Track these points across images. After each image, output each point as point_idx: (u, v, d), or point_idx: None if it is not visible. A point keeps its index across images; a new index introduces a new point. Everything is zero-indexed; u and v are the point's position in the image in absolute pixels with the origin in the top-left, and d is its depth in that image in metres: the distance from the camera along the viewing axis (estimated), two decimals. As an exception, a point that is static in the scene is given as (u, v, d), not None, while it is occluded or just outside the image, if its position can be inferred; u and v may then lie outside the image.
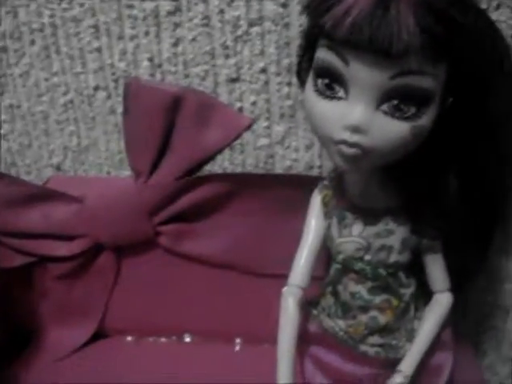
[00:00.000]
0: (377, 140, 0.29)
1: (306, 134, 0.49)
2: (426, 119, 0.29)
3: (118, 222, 0.45)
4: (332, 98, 0.30)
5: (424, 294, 0.38)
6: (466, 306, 0.49)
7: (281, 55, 0.47)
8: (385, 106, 0.29)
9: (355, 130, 0.29)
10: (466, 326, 0.51)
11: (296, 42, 0.43)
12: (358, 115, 0.29)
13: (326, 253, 0.38)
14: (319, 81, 0.30)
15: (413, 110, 0.29)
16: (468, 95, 0.31)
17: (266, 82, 0.48)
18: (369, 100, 0.29)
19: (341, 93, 0.29)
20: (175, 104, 0.41)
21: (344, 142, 0.29)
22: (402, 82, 0.28)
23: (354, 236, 0.36)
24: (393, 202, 0.35)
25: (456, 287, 0.38)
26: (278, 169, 0.51)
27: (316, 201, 0.37)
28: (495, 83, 0.31)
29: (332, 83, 0.30)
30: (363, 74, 0.28)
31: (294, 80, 0.46)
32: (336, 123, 0.29)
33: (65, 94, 0.51)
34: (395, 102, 0.29)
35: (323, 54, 0.30)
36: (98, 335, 0.50)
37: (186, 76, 0.48)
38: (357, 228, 0.36)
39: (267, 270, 0.45)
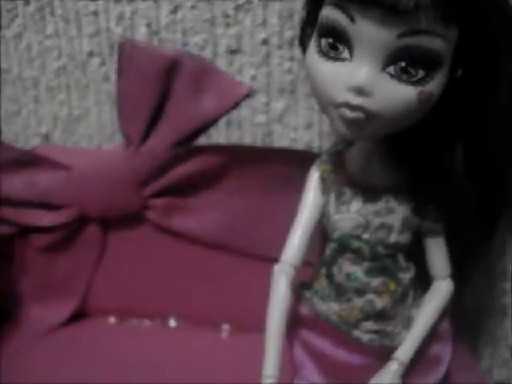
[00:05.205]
0: (381, 104, 0.28)
1: (305, 112, 0.48)
2: (434, 85, 0.28)
3: (106, 191, 0.44)
4: (336, 59, 0.29)
5: (423, 282, 0.37)
6: (463, 309, 0.48)
7: (283, 27, 0.46)
8: (391, 68, 0.28)
9: (359, 91, 0.28)
10: (463, 329, 0.49)
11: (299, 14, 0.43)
12: (362, 76, 0.28)
13: (320, 236, 0.36)
14: (323, 41, 0.29)
15: (421, 73, 0.28)
16: (478, 64, 0.30)
17: (267, 55, 0.47)
18: (374, 61, 0.28)
19: (345, 53, 0.29)
20: (171, 68, 0.40)
21: (347, 105, 0.28)
22: (410, 42, 0.27)
23: (352, 213, 0.34)
24: (395, 179, 0.34)
25: (457, 275, 0.36)
26: (276, 147, 0.50)
27: (314, 177, 0.36)
28: (508, 53, 0.30)
29: (336, 43, 0.29)
30: (369, 32, 0.27)
31: (297, 54, 0.45)
32: (339, 85, 0.28)
33: (57, 58, 0.50)
34: (402, 63, 0.28)
35: (328, 12, 0.29)
36: (79, 314, 0.49)
37: (185, 45, 0.47)
38: (355, 205, 0.34)
39: (261, 252, 0.44)
